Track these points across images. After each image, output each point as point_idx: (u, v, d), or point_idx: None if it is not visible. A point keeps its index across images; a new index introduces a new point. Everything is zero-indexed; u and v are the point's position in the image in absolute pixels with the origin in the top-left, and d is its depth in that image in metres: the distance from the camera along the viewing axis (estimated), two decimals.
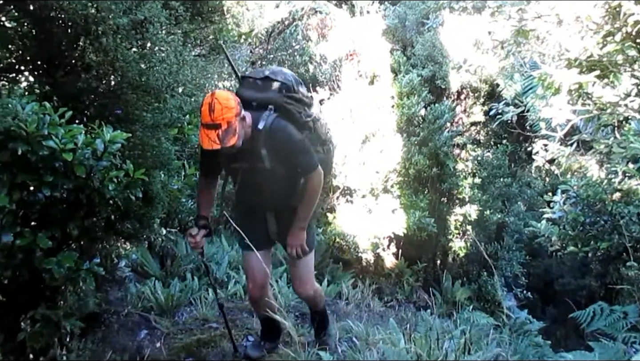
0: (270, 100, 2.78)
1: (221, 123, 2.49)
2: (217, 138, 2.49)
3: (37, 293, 2.87)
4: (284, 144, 2.74)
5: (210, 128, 2.50)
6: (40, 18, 2.73)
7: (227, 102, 2.52)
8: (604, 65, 3.39)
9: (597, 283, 9.35)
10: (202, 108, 2.52)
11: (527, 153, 11.25)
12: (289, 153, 2.78)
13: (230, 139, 2.52)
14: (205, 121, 2.50)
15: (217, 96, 2.52)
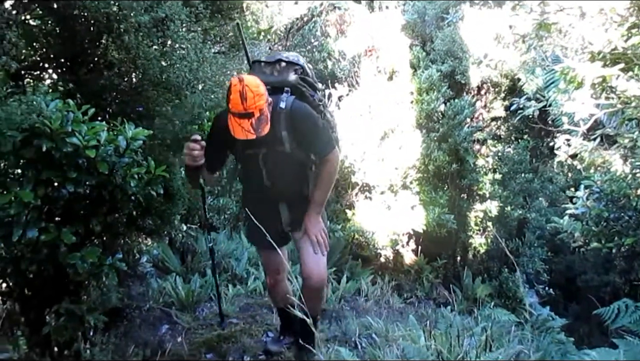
0: (285, 82, 2.74)
1: (254, 112, 2.40)
2: (251, 127, 2.41)
3: (61, 288, 2.91)
4: (305, 123, 2.67)
5: (242, 117, 2.40)
6: (64, 16, 2.77)
7: (258, 89, 2.42)
8: (628, 58, 3.32)
9: (621, 279, 9.22)
10: (230, 96, 2.39)
11: (549, 148, 11.08)
12: (309, 132, 2.70)
13: (264, 127, 2.46)
14: (237, 110, 2.40)
15: (246, 82, 2.40)
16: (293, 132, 2.64)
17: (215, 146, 2.77)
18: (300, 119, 2.64)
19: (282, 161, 2.71)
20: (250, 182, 2.91)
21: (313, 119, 2.70)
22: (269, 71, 2.76)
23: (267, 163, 2.73)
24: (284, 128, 2.63)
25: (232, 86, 2.40)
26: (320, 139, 2.74)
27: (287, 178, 2.81)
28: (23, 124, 2.30)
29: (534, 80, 9.04)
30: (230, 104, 2.39)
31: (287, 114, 2.62)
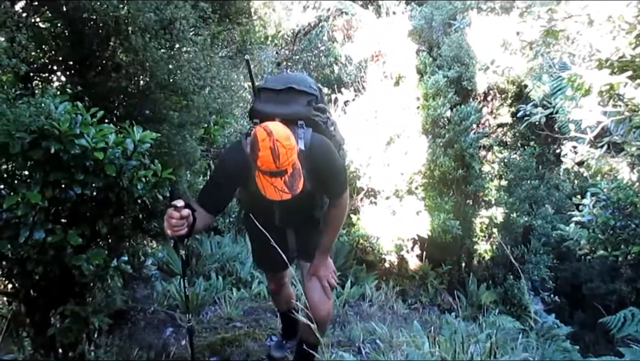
0: (299, 115, 2.47)
1: (287, 168, 2.15)
2: (285, 186, 2.17)
3: (66, 290, 2.92)
4: (325, 164, 2.46)
5: (275, 175, 2.15)
6: (73, 19, 2.79)
7: (289, 142, 2.15)
8: (636, 65, 3.31)
9: (627, 287, 9.18)
10: (259, 153, 2.11)
11: (556, 155, 11.06)
12: (329, 174, 2.49)
13: (299, 183, 2.22)
14: (268, 169, 2.13)
15: (276, 137, 2.11)
16: (312, 172, 2.41)
17: (222, 190, 2.52)
18: (321, 159, 2.43)
19: (298, 199, 2.39)
20: (257, 213, 2.67)
21: (333, 159, 2.50)
22: (276, 100, 2.49)
23: (282, 205, 2.42)
24: (304, 166, 2.33)
25: (260, 141, 2.11)
26: (337, 180, 2.55)
27: (299, 214, 2.71)
28: (32, 126, 2.32)
29: (541, 87, 9.02)
30: (260, 161, 2.12)
31: (307, 154, 2.36)
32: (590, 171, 4.85)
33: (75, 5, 2.64)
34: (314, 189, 2.49)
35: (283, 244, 2.61)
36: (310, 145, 2.40)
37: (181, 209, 2.26)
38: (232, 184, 2.49)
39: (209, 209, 2.51)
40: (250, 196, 2.50)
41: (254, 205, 2.68)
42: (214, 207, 2.56)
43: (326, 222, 2.72)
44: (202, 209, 2.46)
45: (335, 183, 2.55)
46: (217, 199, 2.55)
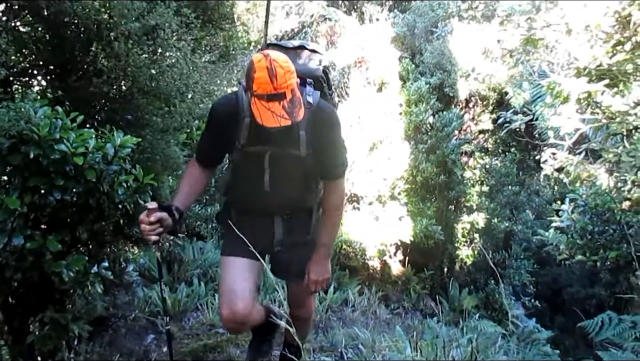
0: (311, 73, 2.30)
1: (286, 91, 1.94)
2: (284, 111, 1.94)
3: (45, 296, 2.89)
4: (329, 130, 2.25)
5: (273, 99, 1.93)
6: (54, 23, 2.77)
7: (288, 65, 1.98)
8: (613, 74, 3.38)
9: (606, 292, 9.30)
10: (254, 74, 1.94)
11: (536, 161, 11.21)
12: (331, 143, 2.27)
13: (299, 111, 1.99)
14: (265, 91, 1.92)
15: (274, 57, 1.95)
16: (313, 136, 2.18)
17: (214, 140, 2.32)
18: (326, 123, 2.22)
19: (290, 165, 2.25)
20: (245, 186, 2.34)
21: (339, 128, 2.31)
22: (290, 56, 2.18)
23: (273, 164, 2.23)
24: (303, 127, 2.14)
25: (256, 62, 1.95)
26: (338, 154, 2.33)
27: (291, 186, 2.33)
28: (11, 130, 2.29)
29: (521, 94, 9.13)
30: (255, 84, 1.93)
31: (312, 112, 2.15)
32: (569, 177, 4.93)
33: (56, 9, 2.62)
34: (311, 157, 2.23)
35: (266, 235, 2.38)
36: (318, 105, 2.19)
37: (151, 213, 2.12)
38: (223, 133, 2.24)
39: (206, 164, 2.40)
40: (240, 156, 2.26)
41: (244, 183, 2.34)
42: (209, 160, 2.41)
43: (325, 212, 2.41)
44: (199, 164, 2.38)
45: (336, 156, 2.31)
46: (212, 152, 2.38)
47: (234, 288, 2.31)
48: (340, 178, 2.36)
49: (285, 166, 2.23)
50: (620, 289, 6.75)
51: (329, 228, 2.42)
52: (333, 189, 2.37)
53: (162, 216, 2.14)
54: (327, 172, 2.34)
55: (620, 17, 3.19)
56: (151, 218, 2.11)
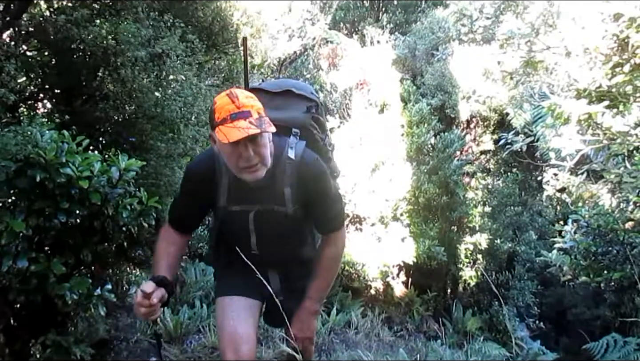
0: (295, 121, 2.09)
1: (251, 110, 1.79)
2: (250, 124, 1.75)
3: (48, 319, 2.88)
4: (316, 184, 2.03)
5: (236, 118, 1.76)
6: (62, 48, 2.82)
7: (252, 96, 1.86)
8: (613, 95, 3.41)
9: (611, 313, 9.21)
10: (215, 107, 1.81)
11: (538, 182, 11.21)
12: (320, 196, 2.06)
13: (269, 126, 1.79)
14: (228, 112, 1.77)
15: (234, 89, 1.85)
16: (299, 192, 2.01)
17: (190, 205, 2.15)
18: (312, 177, 2.01)
19: (278, 223, 2.07)
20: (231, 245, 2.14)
21: (327, 181, 2.08)
22: (273, 104, 2.08)
23: (259, 225, 2.08)
24: (287, 184, 1.99)
25: (216, 99, 1.85)
26: (330, 208, 2.13)
27: (282, 244, 2.17)
28: (18, 154, 2.32)
29: (522, 115, 9.21)
30: (217, 113, 1.79)
31: (295, 166, 1.98)
32: (571, 197, 4.94)
33: (64, 35, 2.67)
34: (300, 214, 2.06)
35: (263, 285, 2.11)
36: (301, 157, 1.99)
37: (151, 295, 1.91)
38: (201, 198, 2.08)
39: (182, 229, 2.18)
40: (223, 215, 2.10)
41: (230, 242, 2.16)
42: (186, 227, 2.20)
43: (318, 262, 2.19)
44: (173, 230, 2.16)
45: (328, 211, 2.12)
46: (188, 218, 2.19)
47: (238, 332, 2.11)
48: (338, 231, 2.18)
49: (272, 224, 2.06)
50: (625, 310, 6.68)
51: (320, 281, 2.20)
52: (331, 241, 2.19)
53: (162, 294, 1.96)
54: (321, 226, 2.20)
55: (619, 40, 3.23)
56: (153, 300, 1.91)
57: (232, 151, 1.82)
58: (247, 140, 1.78)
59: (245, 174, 1.87)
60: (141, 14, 3.00)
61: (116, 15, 3.12)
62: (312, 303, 2.19)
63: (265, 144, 1.85)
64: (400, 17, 13.63)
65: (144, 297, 1.90)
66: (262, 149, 1.85)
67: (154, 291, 1.93)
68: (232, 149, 1.81)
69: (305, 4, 9.75)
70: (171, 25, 3.09)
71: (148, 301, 1.90)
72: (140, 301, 1.91)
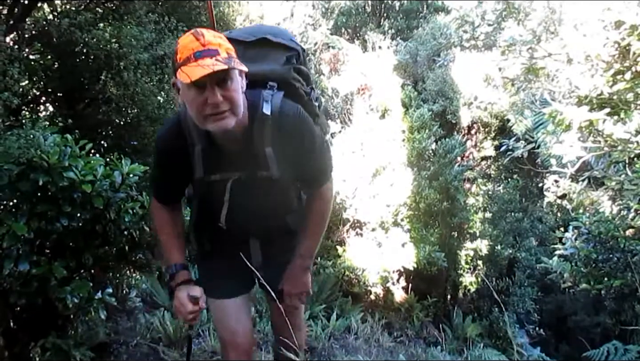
0: (274, 74, 1.81)
1: (218, 49, 1.55)
2: (216, 61, 1.52)
3: (48, 322, 2.88)
4: (300, 136, 1.79)
5: (201, 57, 1.52)
6: (65, 52, 2.83)
7: (221, 36, 1.64)
8: (614, 102, 3.42)
9: (611, 320, 9.21)
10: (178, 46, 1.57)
11: (538, 188, 11.23)
12: (305, 150, 1.82)
13: (239, 65, 1.57)
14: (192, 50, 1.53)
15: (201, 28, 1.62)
16: (283, 150, 1.78)
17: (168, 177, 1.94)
18: (295, 131, 1.77)
19: (262, 191, 1.86)
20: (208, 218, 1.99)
21: (312, 133, 1.83)
22: (248, 55, 1.79)
23: (241, 193, 1.85)
24: (268, 142, 1.75)
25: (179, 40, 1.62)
26: (318, 162, 1.92)
27: (265, 209, 1.95)
28: (21, 157, 2.32)
29: (523, 121, 9.23)
30: (179, 54, 1.56)
31: (274, 121, 1.72)
32: (572, 204, 4.94)
33: (67, 38, 2.68)
34: (286, 177, 1.85)
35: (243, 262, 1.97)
36: (280, 110, 1.73)
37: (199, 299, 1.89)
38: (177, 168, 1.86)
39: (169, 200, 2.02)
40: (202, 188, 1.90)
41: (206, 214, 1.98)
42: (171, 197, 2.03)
43: (307, 218, 2.03)
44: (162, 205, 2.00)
45: (315, 166, 1.92)
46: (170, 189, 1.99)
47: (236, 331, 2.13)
48: (325, 183, 1.99)
49: (255, 193, 1.85)
50: (625, 318, 6.68)
51: (309, 237, 2.04)
52: (318, 195, 2.00)
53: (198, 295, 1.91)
54: (308, 183, 2.01)
55: (620, 47, 3.24)
56: (202, 304, 1.91)
57: (195, 96, 1.58)
58: (215, 83, 1.55)
59: (210, 123, 1.61)
60: (144, 18, 3.02)
61: (119, 19, 3.14)
62: (304, 260, 2.05)
63: (236, 89, 1.61)
64: (402, 23, 13.68)
65: (193, 302, 1.87)
66: (233, 93, 1.60)
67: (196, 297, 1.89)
68: (196, 93, 1.57)
69: (307, 9, 9.78)
70: (174, 28, 3.12)
71: (198, 306, 1.88)
72: (192, 309, 1.87)
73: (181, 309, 1.88)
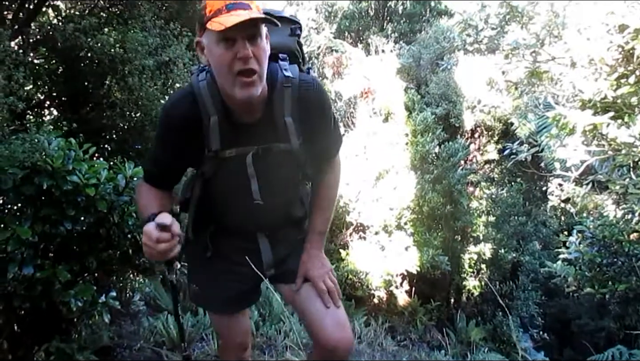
0: (283, 45, 1.77)
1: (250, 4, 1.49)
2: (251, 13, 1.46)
3: (52, 326, 2.89)
4: (320, 106, 1.75)
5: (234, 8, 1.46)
6: (69, 56, 2.84)
7: None
8: (618, 106, 3.41)
9: (615, 324, 9.16)
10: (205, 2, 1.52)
11: (542, 192, 11.20)
12: (323, 119, 1.78)
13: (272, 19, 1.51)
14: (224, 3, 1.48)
15: None
16: (302, 120, 1.70)
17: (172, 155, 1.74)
18: (314, 100, 1.72)
19: (280, 165, 1.75)
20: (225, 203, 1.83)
21: (328, 102, 1.81)
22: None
23: (260, 168, 1.71)
24: (288, 112, 1.67)
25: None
26: (333, 130, 1.85)
27: (283, 193, 1.85)
28: (26, 161, 2.33)
29: (527, 125, 9.20)
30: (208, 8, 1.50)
31: (293, 91, 1.67)
32: (576, 208, 4.93)
33: (72, 43, 2.70)
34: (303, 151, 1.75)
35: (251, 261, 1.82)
36: (299, 80, 1.69)
37: (170, 227, 1.56)
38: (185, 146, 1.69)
39: (161, 185, 1.79)
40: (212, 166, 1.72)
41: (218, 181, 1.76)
42: (167, 182, 1.82)
43: (318, 193, 1.92)
44: (151, 186, 1.79)
45: (331, 135, 1.86)
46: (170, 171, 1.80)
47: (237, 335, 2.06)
48: (336, 155, 1.93)
49: (274, 167, 1.73)
50: (629, 322, 6.65)
51: (324, 212, 1.92)
52: (328, 168, 1.92)
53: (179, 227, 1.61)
54: (322, 155, 1.89)
55: (624, 51, 3.24)
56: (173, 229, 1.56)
57: (224, 51, 1.48)
58: (246, 37, 1.47)
59: (239, 88, 1.52)
60: (148, 23, 3.03)
61: (124, 24, 3.16)
62: (318, 237, 1.91)
63: (264, 48, 1.54)
64: (405, 26, 13.67)
65: (162, 230, 1.55)
66: (262, 52, 1.53)
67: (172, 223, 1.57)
68: (225, 47, 1.48)
69: (311, 12, 9.81)
70: (178, 33, 3.13)
71: (168, 233, 1.55)
72: (159, 235, 1.54)
73: (148, 243, 1.56)
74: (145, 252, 1.63)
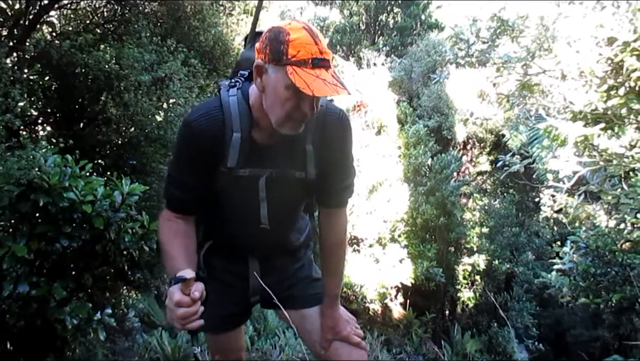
0: None
1: (330, 61, 1.42)
2: (334, 80, 1.39)
3: (46, 343, 2.86)
4: (343, 141, 1.68)
5: (318, 66, 1.39)
6: (65, 73, 2.85)
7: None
8: (608, 117, 3.45)
9: (610, 334, 9.18)
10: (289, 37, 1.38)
11: (535, 203, 11.22)
12: (342, 160, 1.71)
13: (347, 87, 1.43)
14: (310, 54, 1.38)
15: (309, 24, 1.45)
16: (322, 150, 1.63)
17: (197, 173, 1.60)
18: (339, 130, 1.64)
19: (289, 193, 1.68)
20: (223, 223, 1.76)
21: (351, 137, 1.71)
22: None
23: (271, 192, 1.63)
24: (310, 140, 1.60)
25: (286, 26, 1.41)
26: (350, 174, 1.76)
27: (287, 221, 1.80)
28: (22, 178, 2.33)
29: (518, 136, 9.28)
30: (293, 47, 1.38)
31: (319, 119, 1.59)
32: (568, 218, 4.95)
33: (68, 60, 2.70)
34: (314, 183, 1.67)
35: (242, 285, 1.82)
36: (325, 109, 1.60)
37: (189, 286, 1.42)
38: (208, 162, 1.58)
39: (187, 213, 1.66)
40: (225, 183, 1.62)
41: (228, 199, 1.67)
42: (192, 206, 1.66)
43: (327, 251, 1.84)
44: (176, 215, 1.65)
45: (348, 175, 1.74)
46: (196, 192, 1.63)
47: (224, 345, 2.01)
48: (346, 205, 1.83)
49: (283, 193, 1.65)
50: (624, 332, 6.67)
51: (334, 276, 1.86)
52: (337, 219, 1.81)
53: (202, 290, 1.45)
54: (334, 197, 1.77)
55: (613, 63, 3.28)
56: (194, 292, 1.41)
57: (291, 97, 1.42)
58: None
59: (289, 126, 1.48)
60: (144, 39, 3.05)
61: (119, 41, 3.17)
62: (335, 299, 1.84)
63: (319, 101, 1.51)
64: (396, 40, 13.81)
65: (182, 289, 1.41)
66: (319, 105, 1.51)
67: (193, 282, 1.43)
68: (292, 96, 1.42)
69: None
70: (174, 49, 3.15)
71: (189, 296, 1.41)
72: (180, 298, 1.40)
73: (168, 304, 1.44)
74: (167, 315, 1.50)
